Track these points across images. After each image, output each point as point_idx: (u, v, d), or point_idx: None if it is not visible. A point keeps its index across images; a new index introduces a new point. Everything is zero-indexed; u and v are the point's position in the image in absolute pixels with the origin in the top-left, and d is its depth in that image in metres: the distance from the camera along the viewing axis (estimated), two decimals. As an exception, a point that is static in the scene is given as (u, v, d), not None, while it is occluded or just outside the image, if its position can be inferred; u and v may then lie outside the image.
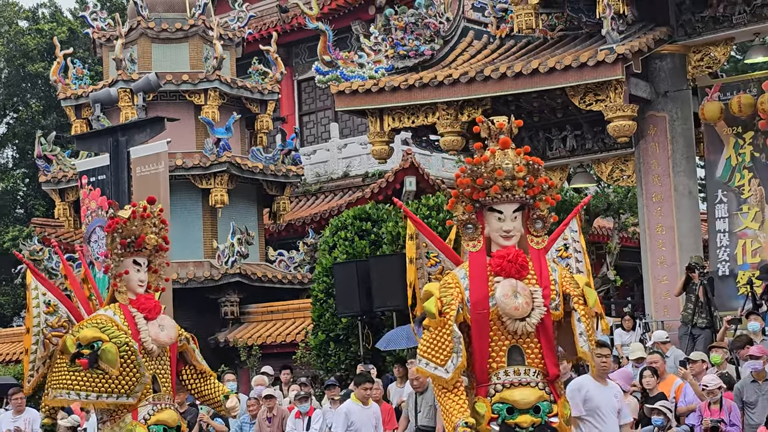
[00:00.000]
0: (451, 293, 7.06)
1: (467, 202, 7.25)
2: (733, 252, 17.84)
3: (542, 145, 19.90)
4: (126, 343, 8.03)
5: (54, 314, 8.78)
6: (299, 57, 32.69)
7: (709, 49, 17.88)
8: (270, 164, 25.68)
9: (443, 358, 6.96)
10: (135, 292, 8.39)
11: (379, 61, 19.37)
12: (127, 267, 8.36)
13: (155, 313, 8.35)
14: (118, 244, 8.31)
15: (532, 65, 17.39)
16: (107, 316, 8.23)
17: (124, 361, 8.03)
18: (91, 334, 8.08)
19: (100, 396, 8.08)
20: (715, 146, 18.19)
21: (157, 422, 8.22)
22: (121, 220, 8.32)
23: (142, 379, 8.06)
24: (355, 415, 12.86)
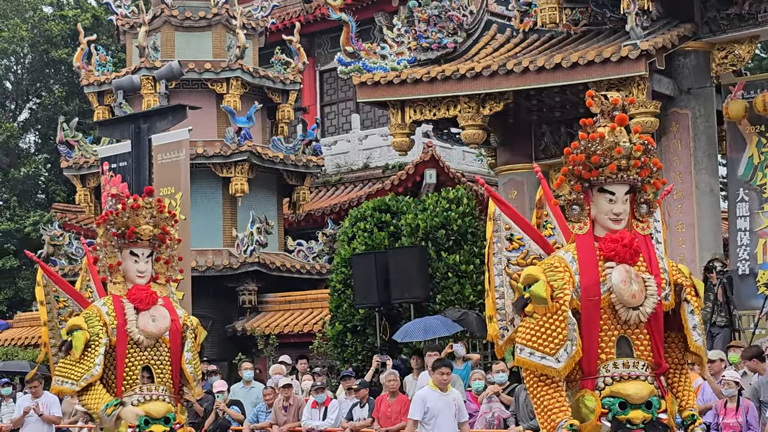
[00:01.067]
0: (562, 277, 6.54)
1: (576, 180, 6.72)
2: (753, 251, 17.77)
3: (563, 140, 19.84)
4: (97, 333, 8.08)
5: (65, 309, 8.91)
6: (322, 47, 32.69)
7: (733, 47, 17.80)
8: (290, 154, 25.70)
9: (554, 347, 6.44)
10: (133, 282, 8.34)
11: (401, 53, 19.37)
12: (123, 258, 8.32)
13: (147, 303, 8.25)
14: (111, 235, 8.29)
15: (554, 60, 17.35)
16: (96, 307, 8.28)
17: (86, 350, 8.08)
18: (74, 322, 8.19)
19: (63, 382, 8.20)
20: (737, 144, 18.11)
21: (146, 413, 8.12)
22: (114, 211, 8.30)
23: (92, 370, 8.06)
24: (432, 401, 11.98)
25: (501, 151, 20.47)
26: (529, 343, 6.51)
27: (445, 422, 11.92)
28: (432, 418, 11.92)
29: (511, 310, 7.00)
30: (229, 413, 16.26)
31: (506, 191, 20.13)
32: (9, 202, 34.91)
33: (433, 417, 11.92)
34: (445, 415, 11.92)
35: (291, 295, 24.85)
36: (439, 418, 11.92)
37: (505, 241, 7.23)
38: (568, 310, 6.46)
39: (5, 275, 33.87)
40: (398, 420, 14.08)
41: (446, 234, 18.59)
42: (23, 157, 36.33)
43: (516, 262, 7.12)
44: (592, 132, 6.75)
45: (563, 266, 6.60)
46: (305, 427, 15.13)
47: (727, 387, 12.18)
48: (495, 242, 7.27)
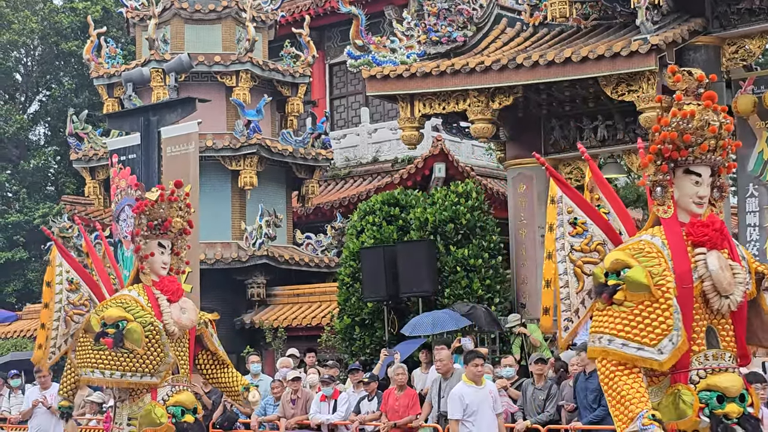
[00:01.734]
0: (659, 263, 6.09)
1: (663, 160, 6.29)
2: (762, 246, 17.73)
3: (573, 135, 19.81)
4: (151, 323, 8.08)
5: (76, 292, 8.87)
6: (331, 41, 32.67)
7: (744, 42, 17.76)
8: (300, 147, 25.71)
9: (655, 337, 5.96)
10: (158, 274, 8.44)
11: (411, 47, 19.35)
12: (153, 249, 8.40)
13: (178, 295, 8.39)
14: (145, 225, 8.34)
15: (564, 54, 17.32)
16: (131, 297, 8.26)
17: (149, 341, 8.06)
18: (117, 313, 8.11)
19: (124, 375, 8.09)
20: (747, 140, 18.06)
21: (176, 403, 8.29)
22: (149, 202, 8.35)
23: (166, 359, 8.10)
24: (469, 396, 11.71)
25: (510, 145, 20.45)
26: (621, 333, 6.03)
27: (485, 416, 11.66)
28: (472, 414, 11.59)
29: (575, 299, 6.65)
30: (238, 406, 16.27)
31: (515, 185, 20.12)
32: (18, 194, 34.97)
33: (473, 412, 11.59)
34: (484, 408, 11.67)
35: (299, 288, 24.87)
36: (478, 413, 11.61)
37: (568, 226, 6.82)
38: (672, 297, 6.02)
39: (14, 267, 33.94)
40: (406, 414, 14.10)
41: (455, 228, 18.59)
42: (33, 149, 36.38)
43: (579, 248, 6.72)
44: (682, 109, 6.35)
45: (656, 251, 6.18)
46: (314, 420, 15.14)
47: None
48: (558, 226, 6.84)
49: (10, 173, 35.37)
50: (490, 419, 11.73)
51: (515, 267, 19.88)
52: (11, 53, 36.44)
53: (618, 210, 6.87)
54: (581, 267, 6.66)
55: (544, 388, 13.85)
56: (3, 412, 18.16)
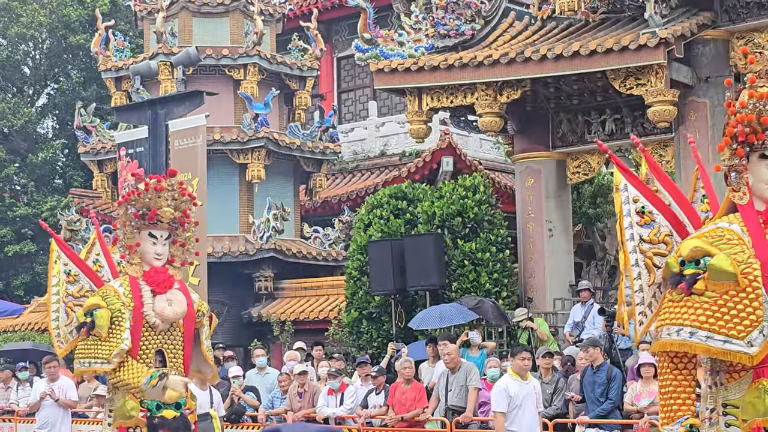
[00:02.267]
0: (742, 250, 5.68)
1: (739, 144, 5.95)
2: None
3: (581, 129, 19.78)
4: (119, 309, 7.97)
5: (75, 284, 8.78)
6: (339, 34, 32.66)
7: (753, 35, 17.70)
8: (307, 141, 25.70)
9: (743, 329, 5.51)
10: (150, 264, 8.27)
11: (419, 40, 19.33)
12: (142, 239, 8.25)
13: (164, 287, 8.19)
14: (132, 216, 8.24)
15: (572, 47, 17.29)
16: (113, 287, 8.20)
17: (112, 327, 7.95)
18: (92, 301, 8.11)
19: (91, 363, 8.05)
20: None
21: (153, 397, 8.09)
22: (136, 191, 8.23)
23: (121, 345, 7.90)
24: (514, 390, 11.46)
25: (518, 139, 20.42)
26: (705, 325, 5.58)
27: (528, 411, 11.41)
28: (514, 408, 11.35)
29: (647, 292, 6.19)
30: (245, 399, 16.30)
31: (523, 179, 20.10)
32: (27, 187, 35.01)
33: (516, 407, 11.35)
34: (527, 404, 11.40)
35: (307, 281, 24.88)
36: (521, 408, 11.35)
37: (636, 215, 6.36)
38: (761, 286, 5.58)
39: (23, 260, 34.00)
40: (413, 407, 14.10)
41: (462, 222, 18.58)
42: (41, 143, 36.40)
43: (648, 238, 6.29)
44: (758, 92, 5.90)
45: (737, 238, 5.78)
46: (320, 413, 15.15)
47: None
48: (625, 216, 6.37)
49: (19, 166, 35.41)
50: (531, 415, 11.50)
51: (523, 261, 19.86)
52: (19, 46, 36.46)
53: (680, 202, 6.58)
54: (651, 258, 6.25)
55: (552, 381, 13.85)
56: (11, 405, 18.20)
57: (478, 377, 13.99)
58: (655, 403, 12.81)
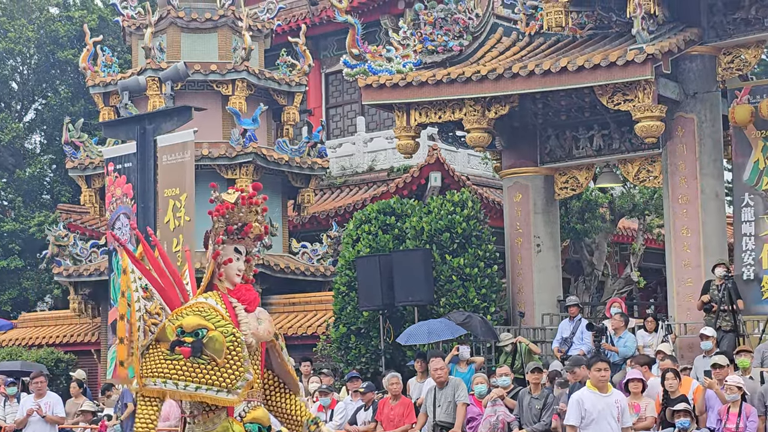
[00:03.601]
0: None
1: None
2: (758, 256, 17.74)
3: (569, 144, 19.83)
4: (233, 333, 7.51)
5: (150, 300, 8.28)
6: (327, 50, 32.68)
7: (739, 51, 17.79)
8: (295, 156, 25.70)
9: None
10: (233, 281, 7.93)
11: (407, 56, 19.37)
12: (230, 255, 7.92)
13: (255, 305, 7.94)
14: (224, 230, 7.84)
15: (560, 63, 17.34)
16: (209, 304, 7.70)
17: (229, 352, 7.46)
18: (195, 321, 7.55)
19: (199, 388, 7.45)
20: (743, 149, 18.08)
21: (253, 420, 7.73)
22: (229, 205, 7.82)
23: (245, 375, 7.45)
24: (590, 403, 10.69)
25: (506, 155, 20.46)
26: None
27: (604, 426, 10.65)
28: (591, 422, 10.66)
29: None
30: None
31: (511, 195, 20.12)
32: (14, 202, 34.91)
33: (592, 421, 10.66)
34: (605, 417, 10.65)
35: (295, 297, 24.84)
36: (598, 421, 10.64)
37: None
38: None
39: (10, 275, 33.87)
40: (401, 423, 14.09)
41: (451, 237, 18.59)
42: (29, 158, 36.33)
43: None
44: None
45: None
46: (309, 429, 15.08)
47: (731, 392, 12.19)
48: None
49: (6, 181, 35.34)
50: (611, 430, 10.65)
51: (511, 276, 19.87)
52: (7, 62, 36.41)
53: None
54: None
55: (541, 397, 13.84)
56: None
57: (466, 393, 13.98)
58: (642, 418, 12.82)
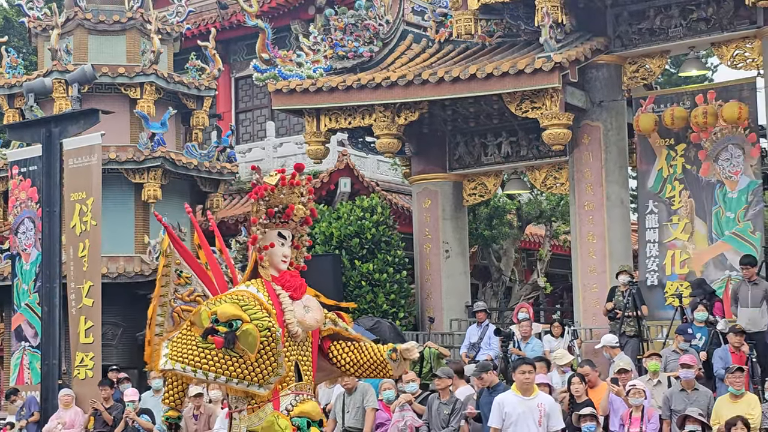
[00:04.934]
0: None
1: None
2: (662, 262, 18.06)
3: (477, 151, 20.00)
4: (268, 327, 7.08)
5: (185, 286, 8.02)
6: (237, 54, 32.52)
7: (644, 61, 18.11)
8: (204, 161, 25.50)
9: None
10: (278, 268, 7.49)
11: (317, 61, 19.36)
12: (272, 239, 7.49)
13: (301, 292, 7.47)
14: (264, 213, 7.46)
15: (469, 70, 17.47)
16: (250, 293, 7.30)
17: (263, 347, 7.09)
18: (231, 311, 7.12)
19: (230, 380, 7.13)
20: (647, 157, 18.40)
21: (301, 414, 7.31)
22: (269, 186, 7.48)
23: (278, 370, 7.12)
24: (511, 406, 10.63)
25: (415, 161, 20.55)
26: None
27: (524, 430, 10.57)
28: (510, 425, 10.61)
29: None
30: (139, 422, 16.06)
31: (420, 200, 20.22)
32: None
33: (512, 423, 10.59)
34: (524, 421, 10.56)
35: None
36: (517, 424, 10.57)
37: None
38: None
39: None
40: (310, 428, 14.03)
41: (360, 242, 18.62)
42: (-70, 160, 35.54)
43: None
44: None
45: None
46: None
47: (635, 396, 12.38)
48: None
49: None
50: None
51: (419, 282, 19.96)
52: None
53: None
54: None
55: (449, 402, 13.91)
56: None
57: (374, 398, 13.98)
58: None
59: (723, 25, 17.28)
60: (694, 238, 17.85)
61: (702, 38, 17.56)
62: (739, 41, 17.29)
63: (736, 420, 11.34)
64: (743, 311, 14.93)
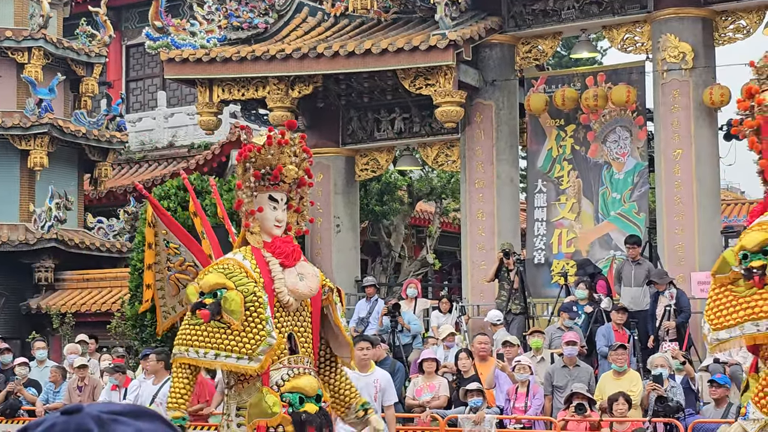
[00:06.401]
0: None
1: None
2: (549, 241, 18.33)
3: (370, 126, 20.03)
4: (254, 292, 6.63)
5: (176, 256, 7.67)
6: (129, 21, 32.02)
7: (537, 42, 18.32)
8: (93, 129, 25.11)
9: None
10: (270, 233, 7.01)
11: (211, 31, 19.16)
12: (262, 203, 7.02)
13: (293, 259, 6.95)
14: (251, 175, 6.96)
15: (365, 45, 17.47)
16: (236, 261, 6.87)
17: (250, 315, 6.59)
18: (215, 280, 6.70)
19: (218, 355, 6.64)
20: (537, 137, 18.65)
21: (293, 389, 6.78)
22: (255, 147, 6.97)
23: (267, 339, 6.57)
24: None
25: (308, 134, 20.46)
26: None
27: None
28: None
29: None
30: (24, 395, 15.79)
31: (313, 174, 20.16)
32: None
33: None
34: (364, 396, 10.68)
35: (89, 273, 24.31)
36: None
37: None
38: None
39: None
40: (196, 402, 13.95)
41: (251, 215, 18.52)
42: None
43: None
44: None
45: None
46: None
47: (521, 372, 12.57)
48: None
49: None
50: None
51: (310, 255, 19.92)
52: None
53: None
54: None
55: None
56: None
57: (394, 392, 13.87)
58: (436, 397, 13.10)
59: (614, 9, 17.56)
60: (581, 218, 18.15)
61: (594, 21, 17.82)
62: (629, 25, 17.58)
63: (618, 396, 11.65)
64: (626, 290, 15.26)
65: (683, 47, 16.80)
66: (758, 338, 5.97)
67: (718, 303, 6.16)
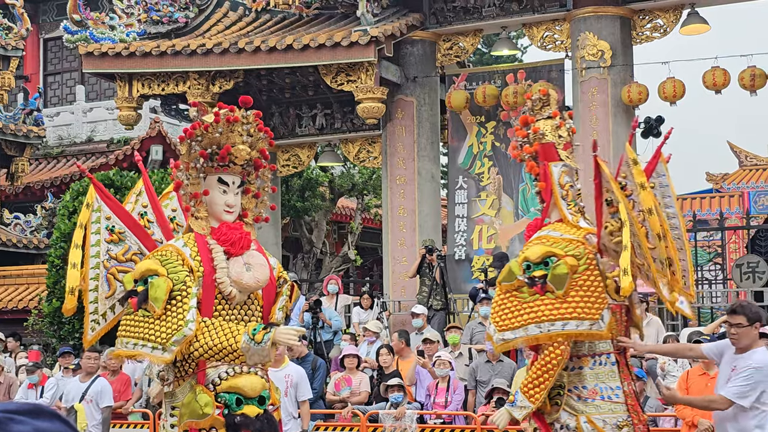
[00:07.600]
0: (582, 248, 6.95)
1: None
2: (469, 237, 18.44)
3: (292, 122, 19.98)
4: (183, 281, 6.07)
5: (119, 244, 6.87)
6: (47, 14, 31.59)
7: (458, 39, 18.41)
8: (10, 123, 24.74)
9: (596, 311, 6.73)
10: (220, 219, 6.41)
11: (131, 25, 18.97)
12: (210, 186, 6.43)
13: (240, 247, 6.32)
14: (198, 155, 6.39)
15: (286, 41, 17.43)
16: (175, 247, 6.31)
17: (174, 304, 6.06)
18: (147, 266, 6.17)
19: (137, 344, 6.10)
20: (459, 134, 18.75)
21: (230, 389, 6.19)
22: (203, 124, 6.39)
23: (183, 330, 5.96)
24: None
25: (229, 130, 20.39)
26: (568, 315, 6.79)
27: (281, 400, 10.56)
28: None
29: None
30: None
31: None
32: None
33: None
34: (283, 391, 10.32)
35: (6, 269, 23.95)
36: None
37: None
38: None
39: None
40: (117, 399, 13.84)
41: (171, 211, 18.37)
42: None
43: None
44: None
45: None
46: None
47: (441, 367, 12.64)
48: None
49: None
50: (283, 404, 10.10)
51: (231, 252, 19.84)
52: None
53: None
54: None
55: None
56: None
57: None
58: (356, 393, 13.12)
59: (534, 6, 17.71)
60: (501, 214, 18.29)
61: (514, 19, 17.96)
62: (549, 23, 17.75)
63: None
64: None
65: (602, 45, 17.01)
66: (540, 339, 6.70)
67: (503, 307, 6.88)
